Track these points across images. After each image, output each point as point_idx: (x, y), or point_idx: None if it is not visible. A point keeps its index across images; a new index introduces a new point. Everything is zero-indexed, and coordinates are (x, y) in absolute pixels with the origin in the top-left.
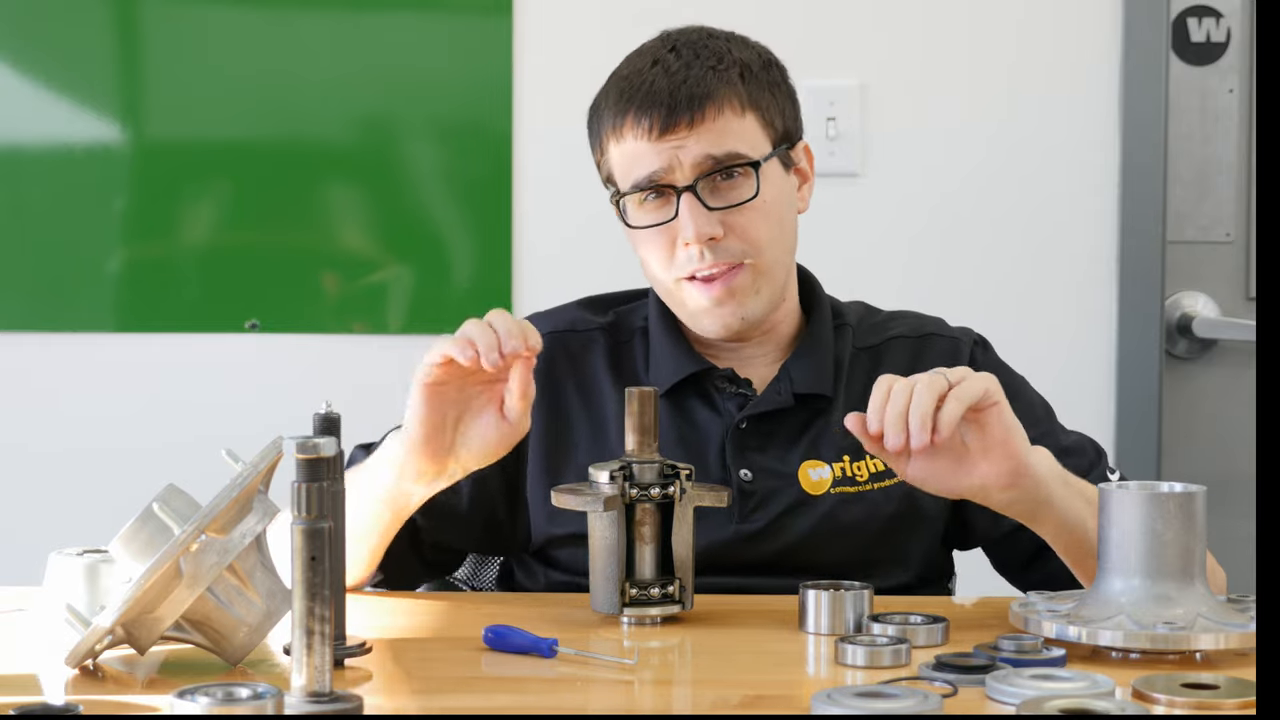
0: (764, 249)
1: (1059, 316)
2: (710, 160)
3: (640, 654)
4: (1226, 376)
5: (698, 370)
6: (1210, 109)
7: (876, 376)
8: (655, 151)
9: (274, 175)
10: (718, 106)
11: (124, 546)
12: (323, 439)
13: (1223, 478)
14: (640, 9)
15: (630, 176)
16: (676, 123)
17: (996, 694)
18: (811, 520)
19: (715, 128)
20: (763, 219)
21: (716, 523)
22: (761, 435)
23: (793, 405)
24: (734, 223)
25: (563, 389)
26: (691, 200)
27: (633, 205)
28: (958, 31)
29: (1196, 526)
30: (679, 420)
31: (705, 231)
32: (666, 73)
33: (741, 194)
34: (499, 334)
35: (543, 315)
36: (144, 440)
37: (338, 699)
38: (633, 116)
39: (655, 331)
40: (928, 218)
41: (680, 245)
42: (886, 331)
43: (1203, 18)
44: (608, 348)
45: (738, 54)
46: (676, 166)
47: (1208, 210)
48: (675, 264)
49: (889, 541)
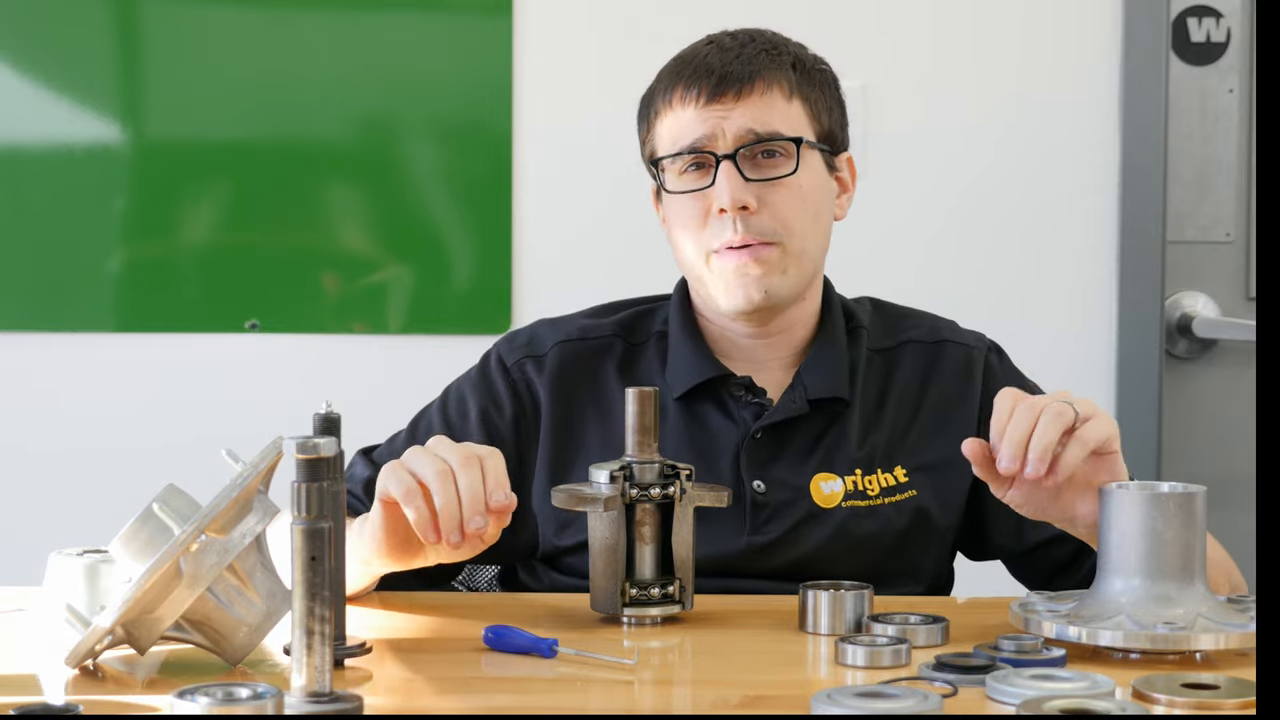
0: (795, 231)
1: (1059, 316)
2: (752, 134)
3: (640, 654)
4: (1226, 376)
5: (714, 376)
6: (1210, 109)
7: (891, 383)
8: (700, 119)
9: (274, 175)
10: (766, 84)
11: (124, 546)
12: (323, 439)
13: (1223, 478)
14: (638, 10)
15: (674, 144)
16: (724, 92)
17: (996, 694)
18: (824, 533)
19: (761, 103)
20: (798, 201)
21: (728, 533)
22: (776, 445)
23: (808, 412)
24: (769, 198)
25: (573, 399)
26: (729, 168)
27: (672, 173)
28: (958, 32)
29: (1196, 526)
30: (692, 426)
31: (739, 198)
32: (720, 49)
33: (780, 170)
34: (463, 500)
35: (550, 323)
36: (144, 440)
37: (338, 699)
38: (683, 86)
39: (675, 334)
40: (928, 218)
41: (714, 215)
42: (900, 334)
43: (1203, 18)
44: (621, 352)
45: (794, 49)
46: (719, 135)
47: (1208, 210)
48: (706, 235)
49: (901, 555)
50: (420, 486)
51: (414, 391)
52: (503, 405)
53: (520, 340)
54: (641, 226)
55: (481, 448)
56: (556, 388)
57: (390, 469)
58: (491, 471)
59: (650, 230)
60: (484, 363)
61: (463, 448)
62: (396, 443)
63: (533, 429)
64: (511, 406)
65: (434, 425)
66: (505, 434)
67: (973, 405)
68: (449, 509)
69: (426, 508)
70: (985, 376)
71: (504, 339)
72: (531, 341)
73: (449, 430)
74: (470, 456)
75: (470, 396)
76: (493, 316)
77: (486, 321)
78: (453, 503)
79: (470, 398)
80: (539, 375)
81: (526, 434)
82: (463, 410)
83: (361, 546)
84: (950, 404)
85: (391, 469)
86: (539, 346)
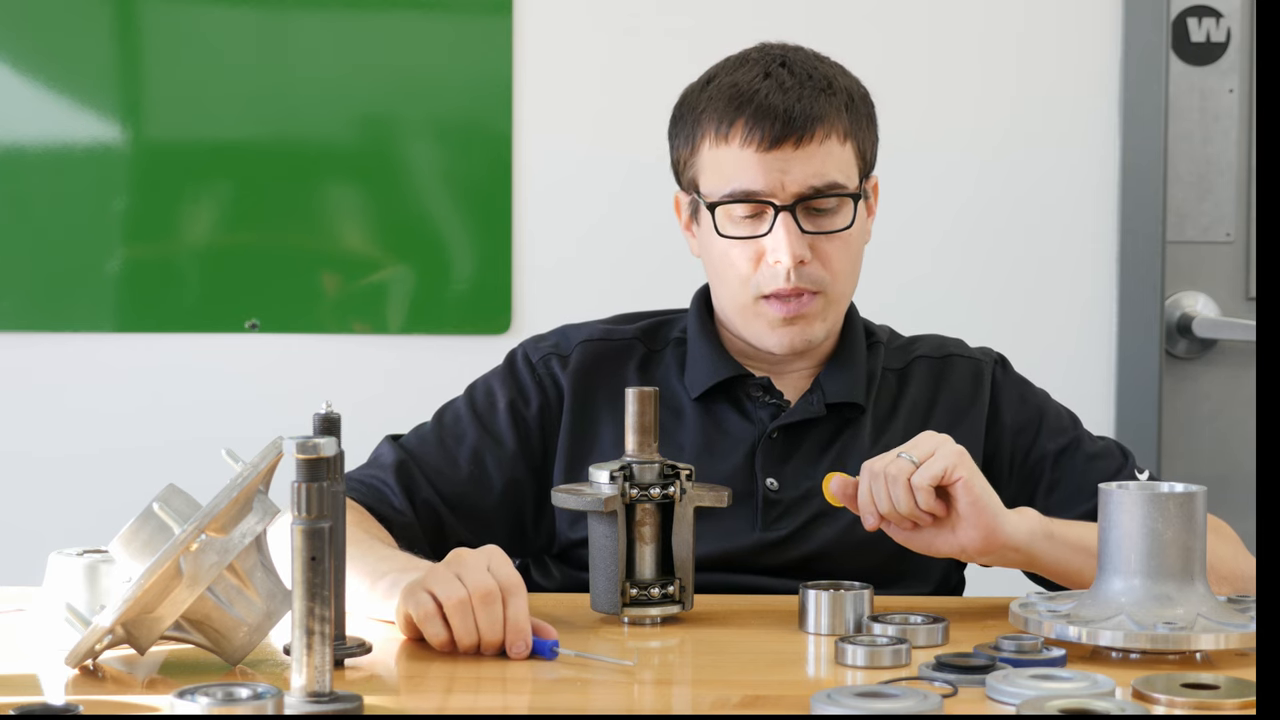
0: (840, 280)
1: (1059, 316)
2: (811, 188)
3: (640, 654)
4: (1226, 376)
5: (733, 376)
6: (1210, 109)
7: (903, 396)
8: (760, 166)
9: (274, 175)
10: (826, 131)
11: (124, 546)
12: (323, 439)
13: (1223, 478)
14: (638, 10)
15: (728, 185)
16: (786, 138)
17: (996, 694)
18: (834, 531)
19: (820, 152)
20: (846, 250)
21: (740, 529)
22: (790, 446)
23: (824, 415)
24: (821, 248)
25: (593, 396)
26: (788, 220)
27: (723, 213)
28: (957, 33)
29: (1196, 526)
30: (709, 425)
31: (798, 254)
32: (781, 88)
33: (835, 223)
34: (481, 636)
35: (574, 327)
36: (144, 440)
37: (338, 699)
38: (744, 125)
39: (694, 338)
40: (928, 217)
41: (766, 262)
42: (911, 353)
43: (1203, 18)
44: (641, 355)
45: (843, 81)
46: (779, 188)
47: (1208, 210)
48: (757, 280)
49: (909, 555)
50: (439, 612)
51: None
52: (529, 398)
53: (547, 341)
54: (642, 227)
55: (504, 575)
56: (578, 384)
57: (411, 591)
58: (512, 616)
59: (650, 231)
60: (509, 360)
61: (484, 578)
62: (423, 431)
63: (556, 422)
64: (538, 399)
65: (462, 417)
66: (532, 426)
67: (980, 413)
68: (467, 640)
69: (445, 632)
70: (992, 386)
71: (528, 340)
72: (557, 341)
73: (477, 420)
74: (491, 592)
75: (498, 389)
76: (493, 316)
77: (486, 321)
78: (471, 634)
79: (498, 390)
80: (563, 371)
81: (550, 427)
82: (490, 401)
83: (376, 601)
84: (959, 413)
85: (412, 591)
86: (565, 346)
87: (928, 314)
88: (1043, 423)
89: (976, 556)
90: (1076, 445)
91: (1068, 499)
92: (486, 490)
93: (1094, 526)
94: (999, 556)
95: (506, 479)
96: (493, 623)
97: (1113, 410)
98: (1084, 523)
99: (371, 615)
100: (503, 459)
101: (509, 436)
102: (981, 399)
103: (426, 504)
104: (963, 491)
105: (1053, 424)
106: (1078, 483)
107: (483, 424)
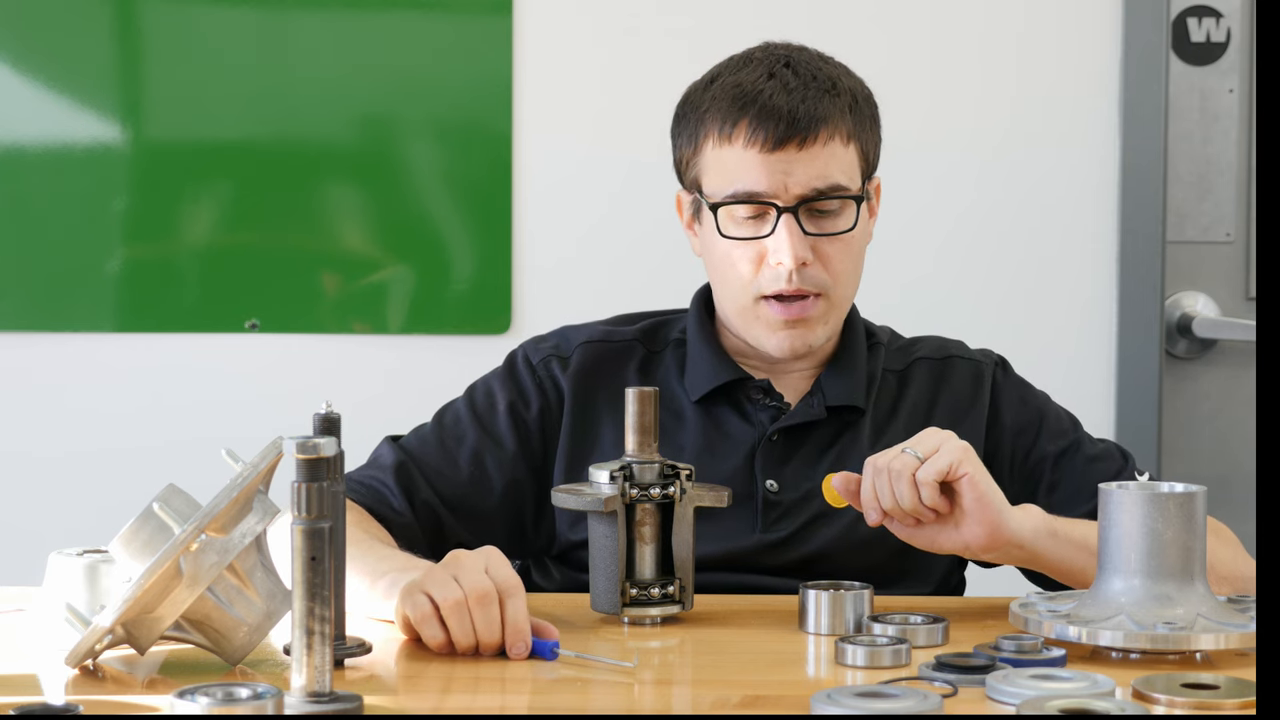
0: (842, 282)
1: (1059, 317)
2: (815, 189)
3: (640, 654)
4: (1226, 376)
5: (733, 379)
6: (1210, 109)
7: (903, 397)
8: (763, 165)
9: (274, 175)
10: (829, 132)
11: (124, 546)
12: (323, 439)
13: (1223, 478)
14: (638, 9)
15: (731, 185)
16: (790, 139)
17: (996, 694)
18: (834, 532)
19: (824, 154)
20: (848, 252)
21: (740, 530)
22: (790, 448)
23: (825, 418)
24: (823, 250)
25: (593, 397)
26: (790, 222)
27: (725, 214)
28: (957, 33)
29: (1196, 526)
30: (709, 427)
31: (801, 255)
32: (785, 89)
33: (838, 225)
34: (479, 638)
35: (574, 328)
36: (144, 440)
37: (338, 699)
38: (748, 125)
39: (694, 341)
40: (927, 218)
41: (768, 264)
42: (911, 354)
43: (1203, 18)
44: (641, 357)
45: (847, 82)
46: (782, 188)
47: (1208, 210)
48: (759, 281)
49: (909, 555)
50: (436, 613)
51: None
52: (529, 399)
53: (547, 342)
54: (642, 227)
55: (501, 576)
56: (579, 385)
57: (408, 592)
58: (510, 617)
59: (650, 231)
60: (509, 362)
61: (481, 580)
62: (423, 432)
63: (556, 424)
64: (538, 400)
65: (462, 418)
66: (532, 427)
67: (980, 415)
68: (464, 641)
69: (442, 634)
70: (993, 388)
71: (529, 342)
72: (557, 343)
73: (477, 421)
74: (488, 593)
75: (498, 390)
76: (493, 317)
77: (486, 322)
78: (468, 635)
79: (498, 391)
80: (563, 373)
81: (550, 428)
82: (490, 402)
83: (376, 601)
84: (959, 413)
85: (409, 592)
86: (565, 348)
87: (928, 314)
88: (1043, 425)
89: (980, 553)
90: (1076, 447)
91: (1067, 500)
92: (486, 491)
93: (1096, 525)
94: (1003, 553)
95: (506, 480)
96: (489, 624)
97: (1113, 410)
98: (1087, 521)
99: (371, 615)
100: (503, 460)
101: (509, 438)
102: (982, 401)
103: (426, 505)
104: (968, 487)
105: (1053, 426)
106: (1077, 484)
107: (483, 425)
